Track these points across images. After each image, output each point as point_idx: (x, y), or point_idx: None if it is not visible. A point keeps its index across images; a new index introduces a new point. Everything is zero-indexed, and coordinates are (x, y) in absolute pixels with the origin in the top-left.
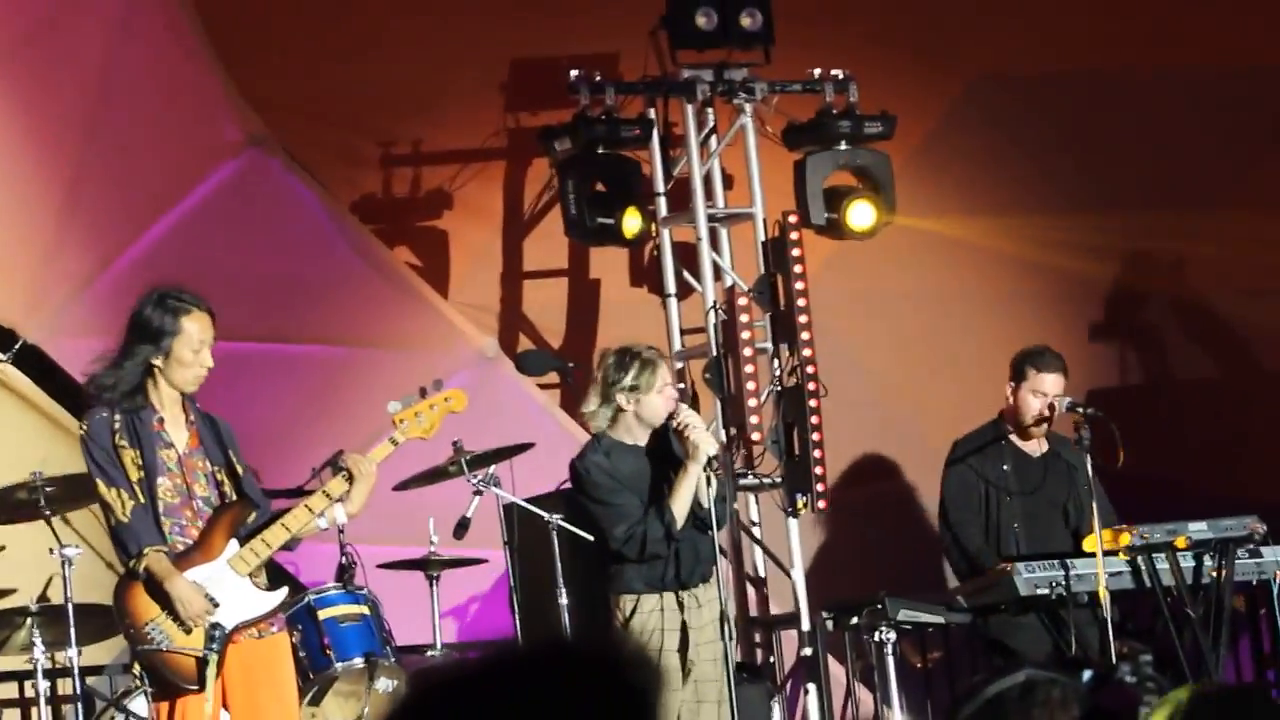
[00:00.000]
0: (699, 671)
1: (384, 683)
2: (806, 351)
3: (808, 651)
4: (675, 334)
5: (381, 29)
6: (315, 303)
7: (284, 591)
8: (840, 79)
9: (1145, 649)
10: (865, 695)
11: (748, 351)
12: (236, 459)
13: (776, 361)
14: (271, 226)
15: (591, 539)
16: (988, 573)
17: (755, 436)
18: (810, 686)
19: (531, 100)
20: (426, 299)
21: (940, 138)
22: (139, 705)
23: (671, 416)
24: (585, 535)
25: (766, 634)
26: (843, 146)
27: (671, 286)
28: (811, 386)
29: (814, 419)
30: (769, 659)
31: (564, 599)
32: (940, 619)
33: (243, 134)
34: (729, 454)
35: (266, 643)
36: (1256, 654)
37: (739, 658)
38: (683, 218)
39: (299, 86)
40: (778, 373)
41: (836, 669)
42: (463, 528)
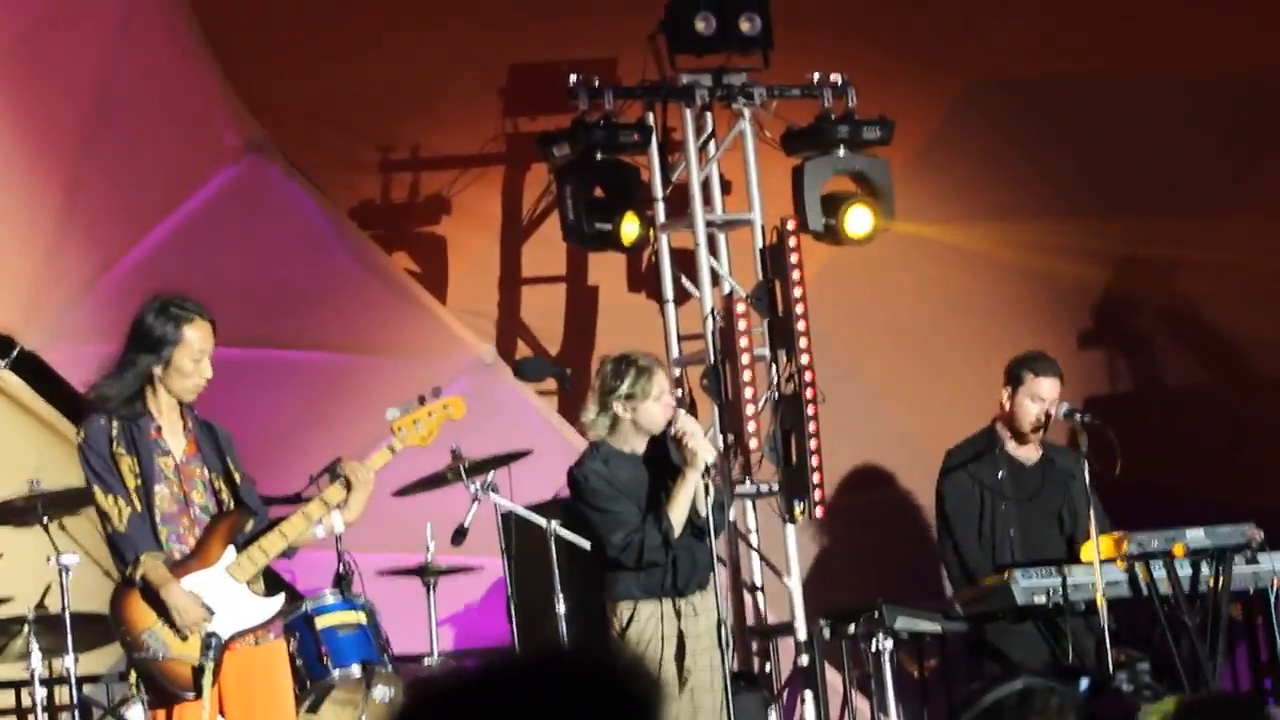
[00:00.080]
0: (696, 680)
1: (381, 691)
2: (804, 358)
3: (805, 660)
4: (673, 340)
5: (380, 34)
6: (313, 308)
7: (281, 599)
8: (839, 84)
9: (1143, 657)
10: (862, 703)
11: (745, 358)
12: (235, 466)
13: (774, 368)
14: (270, 232)
15: (589, 546)
16: (985, 581)
17: (753, 443)
18: (807, 695)
19: (530, 105)
20: (425, 305)
21: (940, 141)
22: (136, 713)
23: (669, 424)
24: (582, 543)
25: (763, 642)
26: (841, 152)
27: (669, 292)
28: (809, 393)
29: (812, 426)
30: (766, 667)
31: (562, 607)
32: (937, 627)
33: (241, 139)
34: (726, 461)
35: (263, 650)
36: (1254, 662)
37: (736, 666)
38: (681, 223)
39: (298, 91)
40: (775, 379)
41: (833, 677)
42: (460, 535)
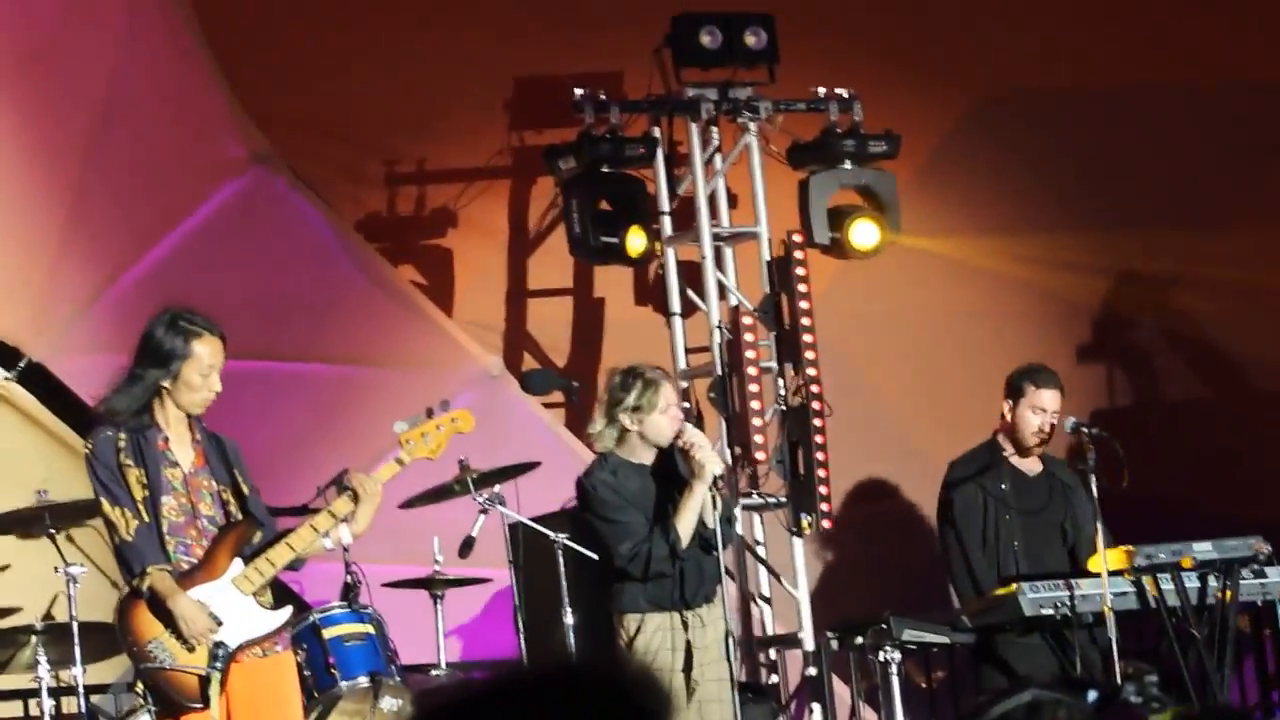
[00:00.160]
0: (703, 692)
1: (389, 702)
2: (811, 371)
3: (812, 671)
4: (680, 353)
5: (386, 47)
6: (320, 321)
7: (288, 610)
8: (845, 98)
9: (1151, 669)
10: (870, 715)
11: (752, 371)
12: (242, 478)
13: (781, 381)
14: (276, 244)
15: (596, 557)
16: (992, 593)
17: (760, 456)
18: (815, 706)
19: (536, 119)
20: (431, 317)
21: (945, 155)
22: None
23: (677, 436)
24: (589, 554)
25: (771, 654)
26: (847, 166)
27: (676, 305)
28: (816, 406)
29: (818, 438)
30: (773, 679)
31: (569, 618)
32: (945, 639)
33: (247, 152)
34: (733, 473)
35: (271, 661)
36: (1261, 675)
37: (743, 678)
38: (687, 237)
39: (304, 105)
40: (782, 392)
41: (841, 689)
42: (468, 547)
